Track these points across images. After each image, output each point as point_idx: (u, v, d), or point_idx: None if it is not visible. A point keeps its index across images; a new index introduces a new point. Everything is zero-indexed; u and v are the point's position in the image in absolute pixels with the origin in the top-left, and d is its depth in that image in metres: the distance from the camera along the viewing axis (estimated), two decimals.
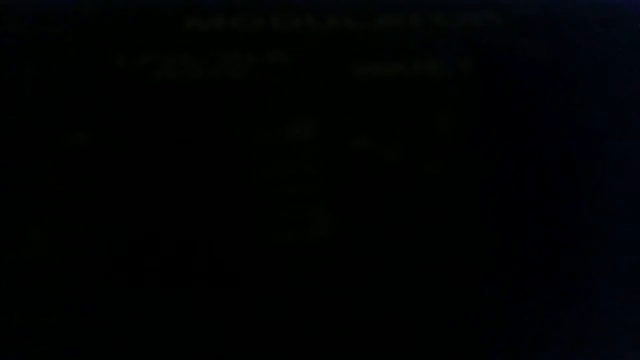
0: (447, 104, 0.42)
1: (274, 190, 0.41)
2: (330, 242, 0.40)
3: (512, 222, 0.41)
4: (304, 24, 0.41)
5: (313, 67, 0.41)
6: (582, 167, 0.42)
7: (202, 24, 0.41)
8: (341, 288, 0.41)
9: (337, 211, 0.41)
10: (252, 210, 0.41)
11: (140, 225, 0.40)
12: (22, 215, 0.41)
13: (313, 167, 0.41)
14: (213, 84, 0.41)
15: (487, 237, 0.41)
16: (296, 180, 0.41)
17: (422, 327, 0.40)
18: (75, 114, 0.41)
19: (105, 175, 0.41)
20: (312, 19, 0.42)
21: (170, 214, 0.41)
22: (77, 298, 0.40)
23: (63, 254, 0.40)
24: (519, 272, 0.41)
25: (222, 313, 0.40)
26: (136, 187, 0.40)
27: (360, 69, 0.41)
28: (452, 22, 0.42)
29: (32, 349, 0.39)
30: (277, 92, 0.42)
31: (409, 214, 0.41)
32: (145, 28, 0.41)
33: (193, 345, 0.40)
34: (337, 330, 0.40)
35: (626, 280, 0.42)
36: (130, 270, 0.40)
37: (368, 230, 0.41)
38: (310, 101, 0.41)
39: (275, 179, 0.41)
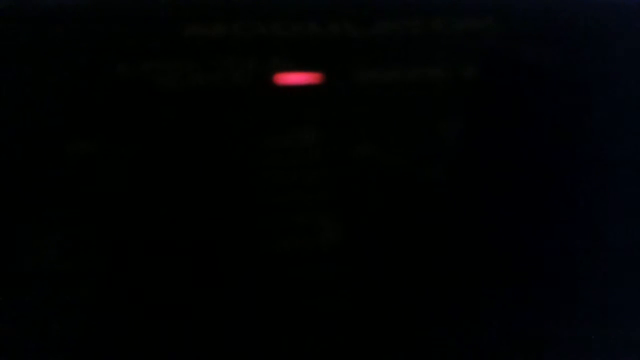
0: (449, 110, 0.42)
1: (274, 197, 0.41)
2: (336, 249, 0.41)
3: (515, 226, 0.42)
4: (306, 31, 0.42)
5: (315, 74, 0.42)
6: (584, 169, 0.43)
7: (204, 31, 0.41)
8: (347, 293, 0.41)
9: (341, 217, 0.41)
10: (255, 217, 0.41)
11: (148, 232, 0.40)
12: (25, 222, 0.41)
13: (315, 174, 0.41)
14: (217, 91, 0.41)
15: (489, 241, 0.41)
16: (296, 187, 0.41)
17: (431, 331, 0.41)
18: (77, 121, 0.41)
19: (111, 183, 0.41)
20: (314, 25, 0.42)
21: (176, 220, 0.41)
22: (88, 305, 0.40)
23: (68, 262, 0.40)
24: (521, 275, 0.41)
25: (231, 317, 0.40)
26: (145, 195, 0.40)
27: (362, 75, 0.42)
28: (453, 28, 0.42)
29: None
30: (279, 99, 0.42)
31: (413, 219, 0.41)
32: (147, 35, 0.41)
33: (201, 348, 0.40)
34: (344, 333, 0.40)
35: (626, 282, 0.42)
36: (141, 276, 0.40)
37: (373, 236, 0.41)
38: (312, 107, 0.42)
39: (276, 185, 0.41)
